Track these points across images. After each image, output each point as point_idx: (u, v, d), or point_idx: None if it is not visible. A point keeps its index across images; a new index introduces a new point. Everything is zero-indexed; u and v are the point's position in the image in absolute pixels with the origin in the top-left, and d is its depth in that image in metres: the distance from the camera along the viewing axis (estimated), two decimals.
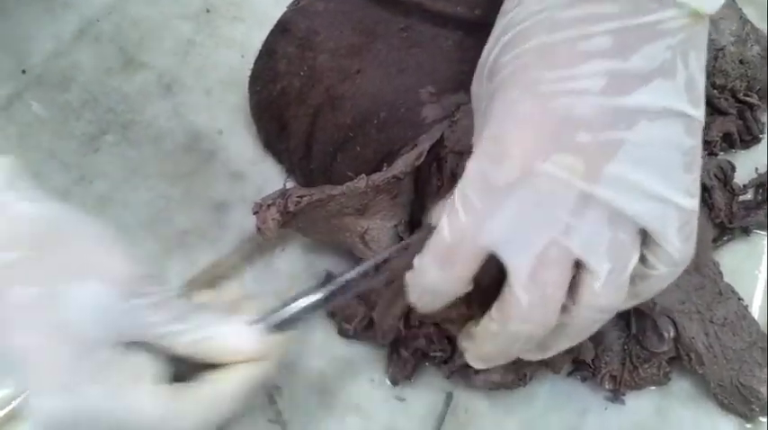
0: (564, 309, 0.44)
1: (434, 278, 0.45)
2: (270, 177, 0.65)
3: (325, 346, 0.59)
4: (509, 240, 0.42)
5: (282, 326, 0.48)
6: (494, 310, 0.45)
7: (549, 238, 0.42)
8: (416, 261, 0.46)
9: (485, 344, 0.47)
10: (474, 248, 0.43)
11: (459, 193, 0.44)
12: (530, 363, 0.54)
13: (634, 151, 0.42)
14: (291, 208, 0.54)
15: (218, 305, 0.49)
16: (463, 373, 0.57)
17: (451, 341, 0.56)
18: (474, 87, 0.50)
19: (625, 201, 0.42)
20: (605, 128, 0.42)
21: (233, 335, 0.46)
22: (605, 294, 0.43)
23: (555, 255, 0.42)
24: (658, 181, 0.42)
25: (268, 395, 0.58)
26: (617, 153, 0.42)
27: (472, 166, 0.44)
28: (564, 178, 0.42)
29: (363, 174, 0.55)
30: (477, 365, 0.50)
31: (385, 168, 0.56)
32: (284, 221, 0.55)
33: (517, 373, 0.55)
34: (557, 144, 0.42)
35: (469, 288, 0.45)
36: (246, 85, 0.64)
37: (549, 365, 0.54)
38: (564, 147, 0.42)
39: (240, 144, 0.66)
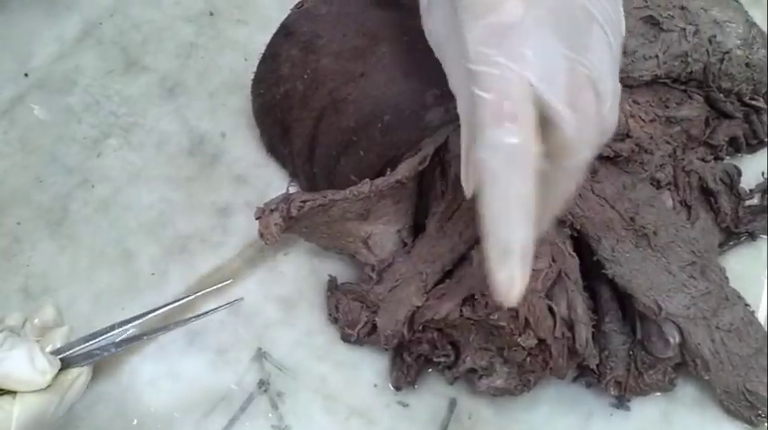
0: None
1: (510, 139, 0.41)
2: (273, 181, 0.65)
3: (327, 351, 0.59)
4: (542, 73, 0.41)
5: (81, 359, 0.49)
6: (545, 160, 0.42)
7: (575, 59, 0.41)
8: (482, 146, 0.42)
9: (551, 200, 0.44)
10: (521, 92, 0.41)
11: (476, 57, 0.42)
12: (533, 370, 0.53)
13: None
14: (294, 213, 0.54)
15: (26, 328, 0.49)
16: (467, 379, 0.56)
17: (455, 346, 0.55)
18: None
19: (616, 19, 0.44)
20: None
21: (21, 362, 0.45)
22: (610, 116, 0.44)
23: (583, 76, 0.42)
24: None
25: (271, 400, 0.57)
26: None
27: (473, 28, 0.42)
28: None
29: (367, 179, 0.55)
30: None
31: (388, 173, 0.56)
32: (287, 226, 0.54)
33: (521, 379, 0.55)
34: None
35: (536, 148, 0.42)
36: (249, 89, 0.64)
37: (553, 371, 0.54)
38: None
39: (243, 148, 0.66)
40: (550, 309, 0.53)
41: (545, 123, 0.42)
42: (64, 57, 0.70)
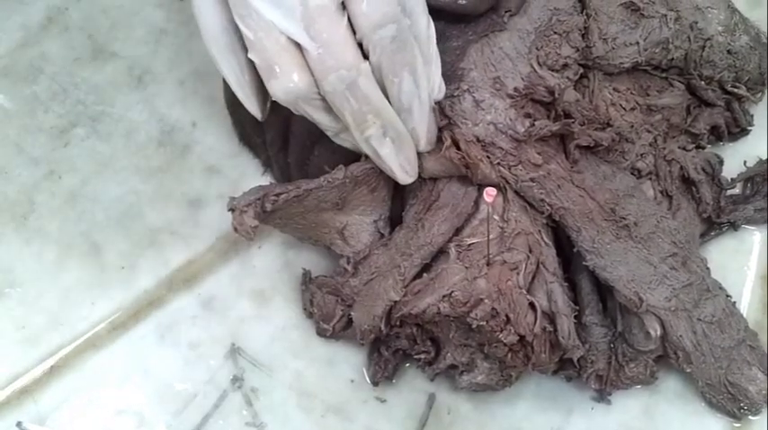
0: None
1: (288, 84, 0.48)
2: (246, 172, 0.64)
3: (303, 347, 0.58)
4: (282, 13, 0.47)
5: None
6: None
7: None
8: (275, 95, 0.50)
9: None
10: (275, 46, 0.48)
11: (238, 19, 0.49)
12: (515, 365, 0.53)
13: None
14: (269, 208, 0.53)
15: None
16: (447, 375, 0.56)
17: (435, 342, 0.55)
18: None
19: None
20: None
21: None
22: (373, 8, 0.47)
23: (315, 6, 0.46)
24: None
25: (245, 397, 0.57)
26: None
27: None
28: None
29: (341, 165, 0.54)
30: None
31: (363, 160, 0.55)
32: (261, 220, 0.53)
33: (503, 374, 0.54)
34: None
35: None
36: (221, 76, 0.63)
37: (535, 365, 0.53)
38: None
39: (215, 137, 0.65)
40: (531, 305, 0.52)
41: None
42: (29, 44, 0.68)
